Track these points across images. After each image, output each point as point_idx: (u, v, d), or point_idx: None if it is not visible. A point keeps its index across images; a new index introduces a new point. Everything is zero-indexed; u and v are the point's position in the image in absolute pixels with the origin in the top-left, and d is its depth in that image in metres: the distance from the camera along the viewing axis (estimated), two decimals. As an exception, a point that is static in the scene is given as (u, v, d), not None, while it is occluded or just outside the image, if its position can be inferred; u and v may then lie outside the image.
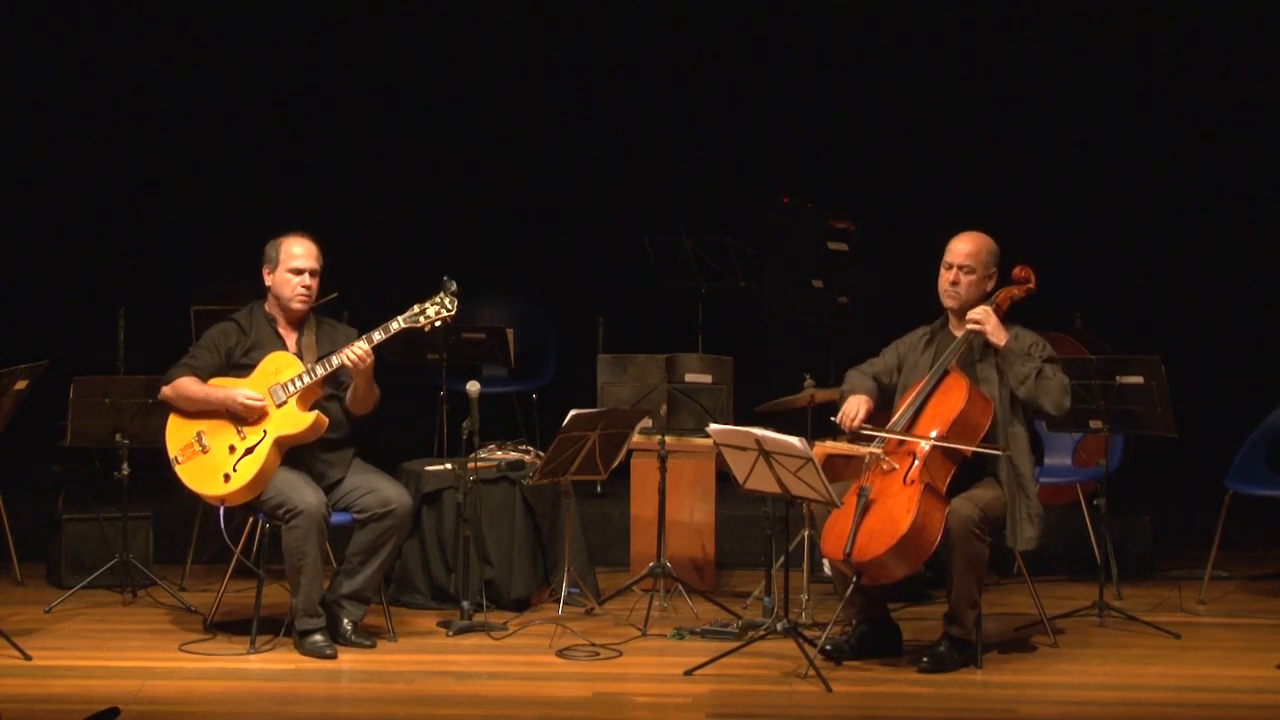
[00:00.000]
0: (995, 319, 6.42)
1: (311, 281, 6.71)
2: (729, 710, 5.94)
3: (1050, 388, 6.36)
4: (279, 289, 6.72)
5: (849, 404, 6.54)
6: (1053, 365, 6.43)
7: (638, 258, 9.29)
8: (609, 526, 8.17)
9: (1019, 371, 6.36)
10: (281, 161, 9.91)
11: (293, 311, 6.72)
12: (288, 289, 6.69)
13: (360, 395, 6.67)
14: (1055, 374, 6.40)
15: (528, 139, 10.15)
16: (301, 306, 6.71)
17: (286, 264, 6.70)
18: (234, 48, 9.96)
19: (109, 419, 7.38)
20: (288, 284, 6.69)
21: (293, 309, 6.71)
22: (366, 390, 6.65)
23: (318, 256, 6.73)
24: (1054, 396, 6.36)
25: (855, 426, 6.47)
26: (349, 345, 6.54)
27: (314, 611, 6.55)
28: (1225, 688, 6.22)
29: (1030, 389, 6.34)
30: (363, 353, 6.50)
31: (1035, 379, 6.34)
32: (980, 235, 6.57)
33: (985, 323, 6.41)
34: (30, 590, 7.66)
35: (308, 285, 6.70)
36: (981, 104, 9.89)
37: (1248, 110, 9.76)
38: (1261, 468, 7.52)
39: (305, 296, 6.70)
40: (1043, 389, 6.35)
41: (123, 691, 6.00)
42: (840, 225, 9.34)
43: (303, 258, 6.70)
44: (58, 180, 9.89)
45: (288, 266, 6.69)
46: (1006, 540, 6.40)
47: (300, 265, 6.69)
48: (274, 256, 6.72)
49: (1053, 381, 6.37)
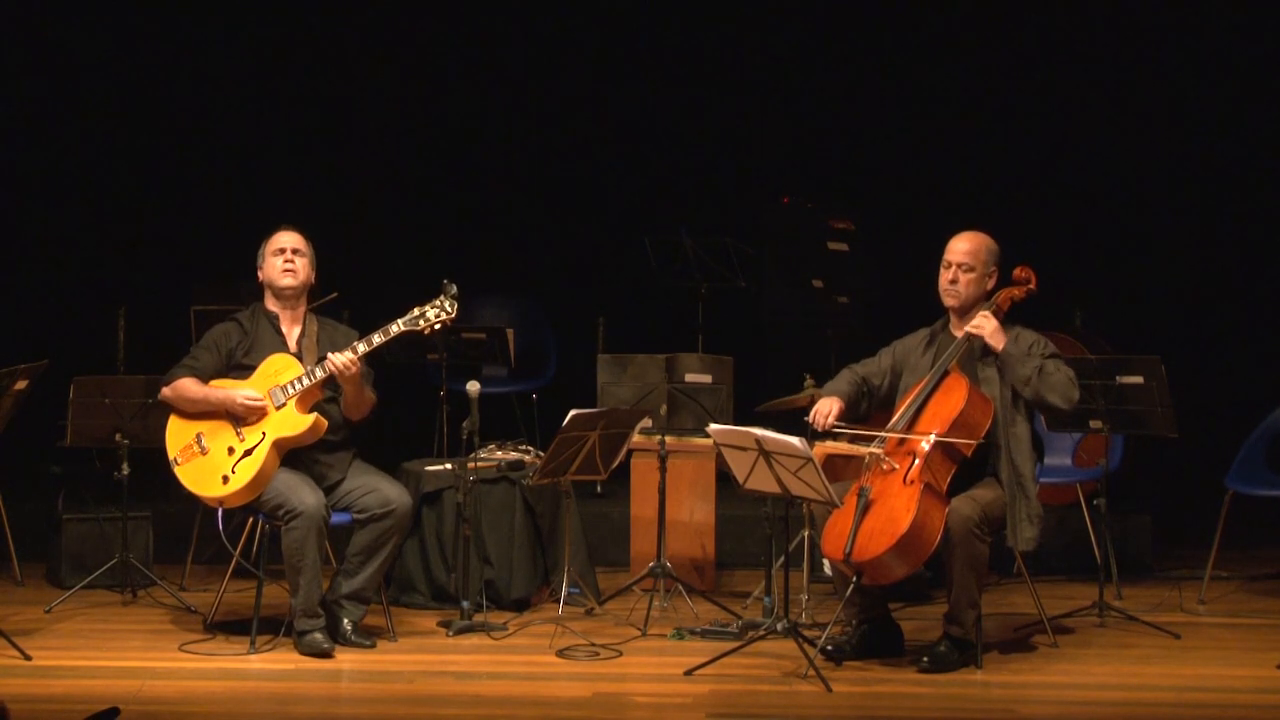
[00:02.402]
0: (994, 323, 6.41)
1: (294, 259, 6.73)
2: (729, 710, 5.94)
3: (1055, 382, 6.34)
4: (268, 276, 6.76)
5: (821, 403, 6.55)
6: (1055, 360, 6.42)
7: (638, 258, 9.29)
8: (609, 526, 8.16)
9: (1020, 374, 6.35)
10: (282, 161, 9.92)
11: (283, 292, 6.73)
12: (274, 271, 6.74)
13: (350, 401, 6.67)
14: (1059, 368, 6.38)
15: (528, 139, 10.16)
16: (290, 282, 6.72)
17: (270, 250, 6.76)
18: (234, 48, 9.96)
19: (109, 419, 7.38)
20: (273, 266, 6.74)
21: (280, 287, 6.72)
22: (356, 396, 6.65)
23: (301, 240, 6.77)
24: (1061, 390, 6.34)
25: (828, 425, 6.48)
26: (343, 349, 6.54)
27: (313, 612, 6.55)
28: (1225, 688, 6.21)
29: (1034, 388, 6.33)
30: (347, 360, 6.50)
31: (1038, 376, 6.33)
32: (979, 234, 6.57)
33: (985, 327, 6.40)
34: (30, 590, 7.66)
35: (290, 260, 6.72)
36: (982, 104, 9.89)
37: (1248, 110, 9.76)
38: (1261, 468, 7.52)
39: (290, 270, 6.71)
40: (1047, 385, 6.33)
41: (123, 691, 5.99)
42: (840, 225, 9.35)
43: (282, 239, 6.76)
44: (58, 180, 9.89)
45: (271, 250, 6.75)
46: (1006, 540, 6.40)
47: (281, 245, 6.74)
48: (261, 252, 6.80)
49: (1057, 375, 6.35)
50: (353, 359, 6.51)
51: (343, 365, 6.50)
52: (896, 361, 6.68)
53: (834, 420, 6.48)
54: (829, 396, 6.57)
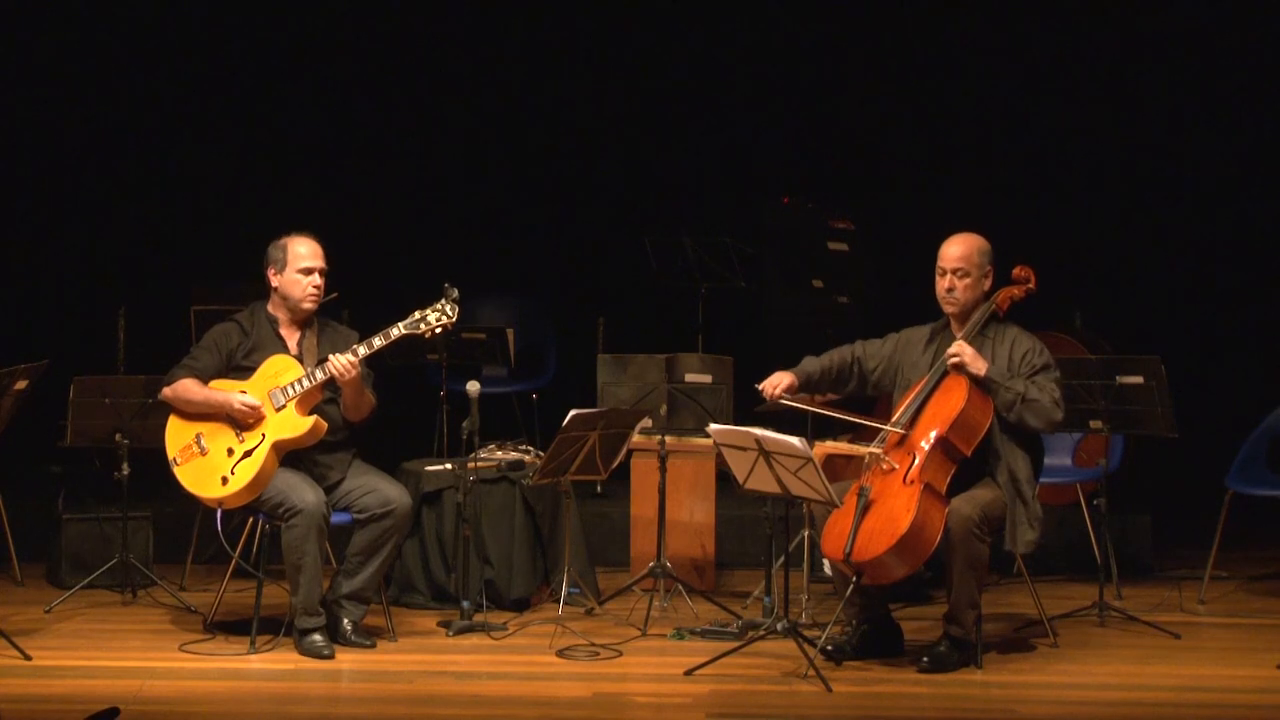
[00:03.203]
0: (970, 350, 6.37)
1: (321, 281, 6.71)
2: (729, 710, 5.94)
3: (1038, 408, 6.30)
4: (288, 289, 6.70)
5: (775, 375, 6.61)
6: (1043, 376, 6.39)
7: (638, 258, 9.29)
8: (609, 526, 8.17)
9: (1003, 399, 6.32)
10: (282, 161, 9.91)
11: (301, 312, 6.72)
12: (298, 290, 6.68)
13: (350, 403, 6.66)
14: (1044, 388, 6.34)
15: (528, 139, 10.15)
16: (312, 306, 6.71)
17: (295, 264, 6.68)
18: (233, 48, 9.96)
19: (109, 419, 7.38)
20: (298, 284, 6.68)
21: (303, 309, 6.71)
22: (355, 398, 6.64)
23: (323, 255, 6.73)
24: (1042, 415, 6.31)
25: (775, 396, 6.54)
26: (344, 351, 6.53)
27: (313, 611, 6.55)
28: (1225, 688, 6.22)
29: (1018, 413, 6.31)
30: (347, 364, 6.49)
31: (1021, 403, 6.30)
32: (970, 236, 6.54)
33: (962, 354, 6.38)
34: (30, 590, 7.66)
35: (318, 285, 6.69)
36: (981, 104, 9.89)
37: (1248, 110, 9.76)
38: (1261, 468, 7.52)
39: (316, 296, 6.70)
40: (1030, 411, 6.30)
41: (123, 691, 6.00)
42: (840, 225, 9.34)
43: (310, 257, 6.69)
44: (58, 180, 9.89)
45: (296, 267, 6.68)
46: (1005, 543, 6.39)
47: (309, 265, 6.68)
48: (280, 257, 6.71)
49: (1041, 399, 6.30)
50: (353, 361, 6.51)
51: (343, 368, 6.50)
52: (898, 351, 6.67)
53: (781, 393, 6.55)
54: (784, 371, 6.63)
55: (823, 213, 9.38)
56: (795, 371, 6.67)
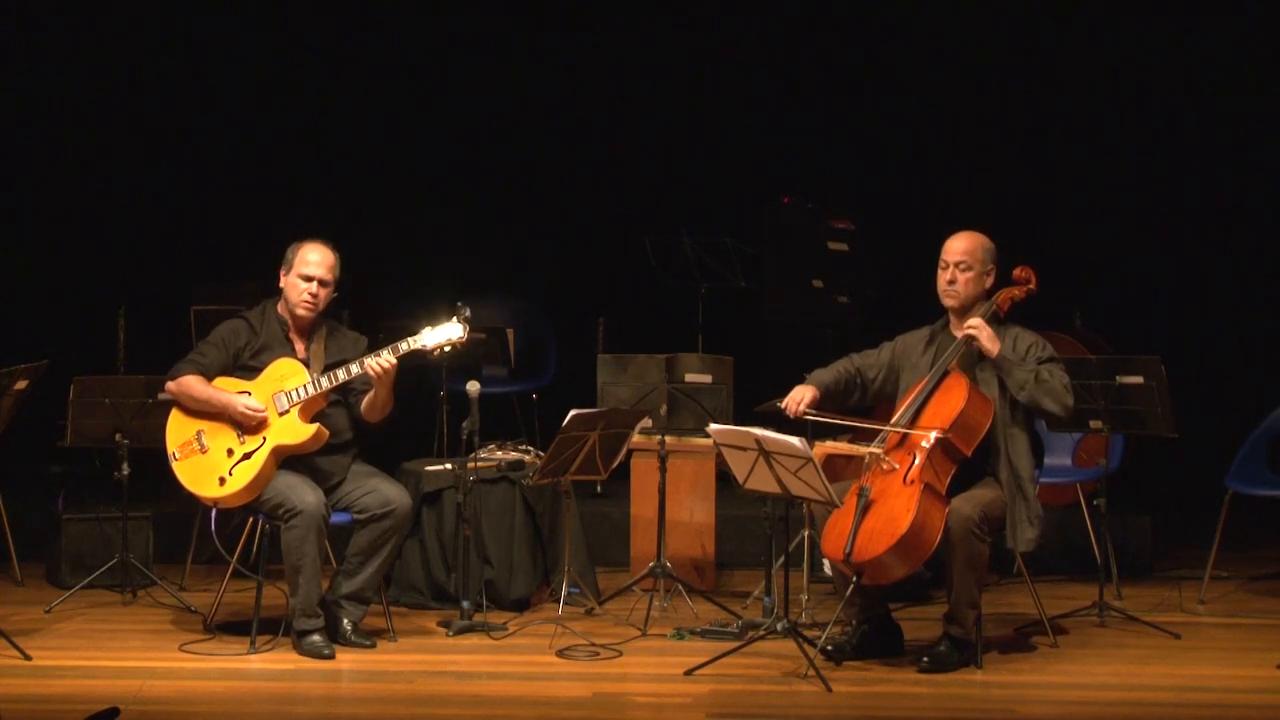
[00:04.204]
0: (989, 330, 6.40)
1: (319, 291, 6.68)
2: (729, 710, 5.94)
3: (1050, 388, 6.35)
4: (288, 292, 6.71)
5: (796, 390, 6.57)
6: (1052, 365, 6.42)
7: (638, 258, 9.29)
8: (609, 526, 8.17)
9: (1016, 379, 6.35)
10: (282, 161, 9.91)
11: (298, 317, 6.72)
12: (295, 294, 6.69)
13: (380, 403, 6.66)
14: (1054, 374, 6.39)
15: (528, 139, 10.16)
16: (305, 313, 6.70)
17: (299, 269, 6.68)
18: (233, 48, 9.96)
19: (109, 419, 7.38)
20: (295, 288, 6.68)
21: (297, 314, 6.70)
22: (387, 399, 6.65)
23: (331, 267, 6.70)
24: (1056, 396, 6.35)
25: (799, 413, 6.49)
26: (371, 354, 6.52)
27: (312, 611, 6.55)
28: (1225, 688, 6.22)
29: (1030, 393, 6.34)
30: (389, 364, 6.50)
31: (1035, 382, 6.34)
32: (975, 233, 6.57)
33: (980, 332, 6.40)
34: (30, 590, 7.66)
35: (314, 294, 6.67)
36: (981, 104, 9.89)
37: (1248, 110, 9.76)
38: (1261, 468, 7.52)
39: (309, 304, 6.68)
40: (1043, 390, 6.34)
41: (123, 691, 5.99)
42: (840, 225, 9.35)
43: (314, 265, 6.68)
44: (58, 180, 9.89)
45: (299, 271, 6.68)
46: (1006, 541, 6.40)
47: (310, 273, 6.67)
48: (290, 259, 6.71)
49: (1052, 381, 6.36)
50: (394, 362, 6.51)
51: (383, 369, 6.49)
52: (896, 357, 6.68)
53: (805, 408, 6.50)
54: (806, 385, 6.59)
55: (823, 213, 9.38)
56: (813, 384, 6.62)
